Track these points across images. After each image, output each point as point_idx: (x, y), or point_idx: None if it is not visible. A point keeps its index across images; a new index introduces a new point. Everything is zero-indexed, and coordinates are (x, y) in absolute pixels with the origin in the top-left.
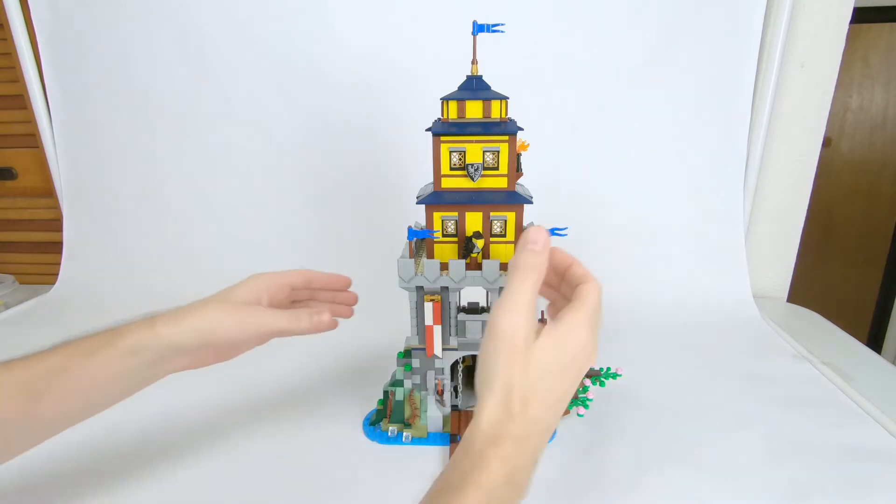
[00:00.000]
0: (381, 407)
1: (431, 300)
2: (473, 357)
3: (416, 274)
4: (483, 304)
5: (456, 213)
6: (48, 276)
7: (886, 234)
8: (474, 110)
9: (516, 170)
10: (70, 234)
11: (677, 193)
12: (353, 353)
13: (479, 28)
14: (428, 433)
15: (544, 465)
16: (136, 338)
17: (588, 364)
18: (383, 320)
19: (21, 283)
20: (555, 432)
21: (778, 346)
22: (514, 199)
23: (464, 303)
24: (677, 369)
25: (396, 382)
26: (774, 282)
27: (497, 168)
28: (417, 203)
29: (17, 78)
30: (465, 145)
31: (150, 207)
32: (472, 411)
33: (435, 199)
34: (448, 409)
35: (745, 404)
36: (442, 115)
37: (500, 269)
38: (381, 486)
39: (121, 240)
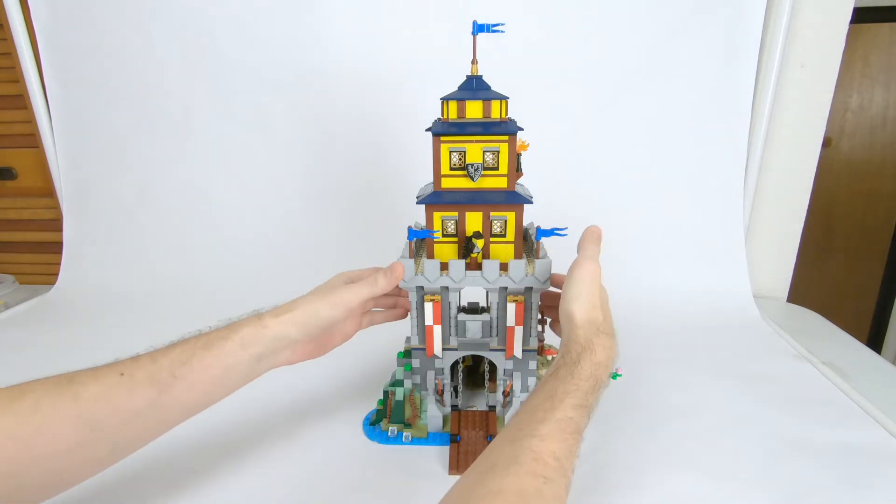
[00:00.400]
0: (381, 407)
1: (431, 300)
2: (474, 357)
3: (416, 274)
4: (483, 304)
5: (456, 213)
6: (48, 276)
7: (886, 234)
8: (474, 110)
9: (516, 170)
10: (70, 234)
11: (677, 193)
12: (353, 353)
13: (479, 28)
14: (428, 433)
15: None
16: (247, 331)
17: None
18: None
19: (21, 283)
20: None
21: (778, 346)
22: (514, 200)
23: (463, 303)
24: (677, 369)
25: (396, 382)
26: (774, 282)
27: (497, 168)
28: (417, 203)
29: (17, 78)
30: (465, 145)
31: (150, 207)
32: (472, 411)
33: (435, 199)
34: (448, 409)
35: (745, 404)
36: (442, 115)
37: (501, 270)
38: (381, 487)
39: (121, 240)
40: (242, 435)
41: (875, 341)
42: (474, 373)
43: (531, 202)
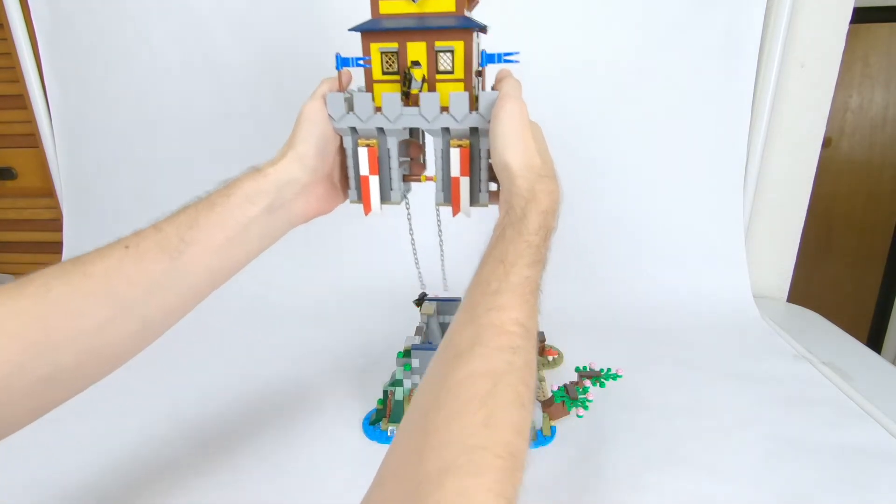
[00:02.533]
0: (380, 407)
1: (367, 145)
2: None
3: (346, 112)
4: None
5: (396, 44)
6: None
7: (886, 234)
8: None
9: None
10: (70, 234)
11: (677, 193)
12: (354, 353)
13: (488, 59)
14: None
15: (544, 465)
16: (248, 185)
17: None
18: (383, 320)
19: None
20: (554, 431)
21: (778, 346)
22: (463, 24)
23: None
24: (677, 369)
25: (396, 382)
26: (774, 282)
27: None
28: (350, 30)
29: (17, 78)
30: None
31: (150, 208)
32: None
33: (372, 26)
34: None
35: (745, 404)
36: None
37: (441, 108)
38: None
39: None
40: (242, 434)
41: (875, 341)
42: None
43: (484, 29)
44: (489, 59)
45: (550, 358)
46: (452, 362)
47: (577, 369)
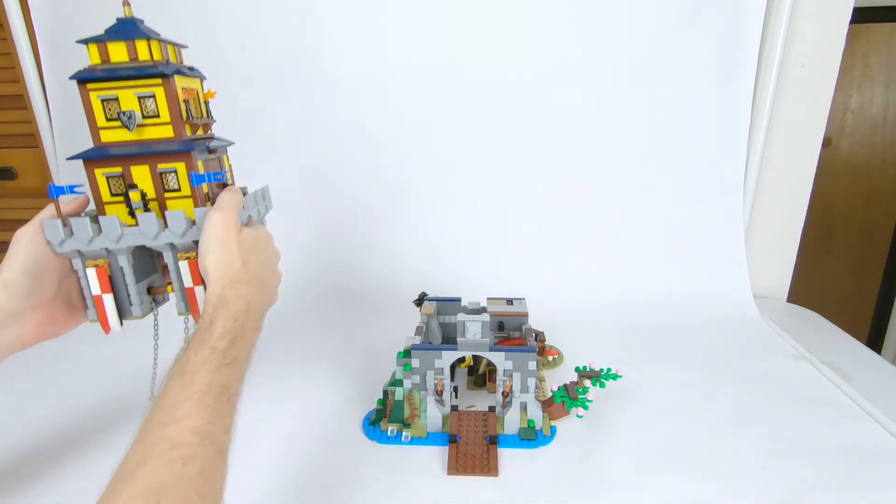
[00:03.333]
0: (380, 407)
1: (95, 265)
2: (474, 357)
3: (65, 237)
4: (483, 304)
5: (120, 168)
6: None
7: (886, 234)
8: (119, 54)
9: (202, 116)
10: None
11: (677, 194)
12: (353, 353)
13: (198, 179)
14: (427, 433)
15: (544, 465)
16: None
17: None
18: (383, 321)
19: None
20: (554, 431)
21: (778, 346)
22: (180, 148)
23: (465, 303)
24: (677, 369)
25: (396, 382)
26: (774, 282)
27: (158, 116)
28: (68, 159)
29: (17, 78)
30: (116, 92)
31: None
32: (471, 411)
33: (92, 154)
34: (447, 409)
35: (745, 404)
36: (90, 61)
37: (161, 223)
38: (380, 486)
39: None
40: (242, 434)
41: (875, 341)
42: (471, 374)
43: (194, 148)
44: (199, 179)
45: (550, 358)
46: (118, 485)
47: (577, 369)
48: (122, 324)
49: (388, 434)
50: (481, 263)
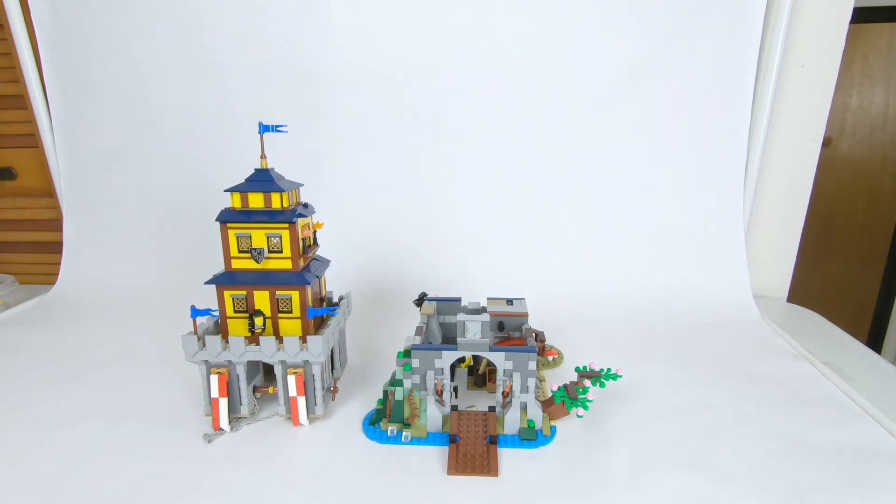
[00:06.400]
0: (380, 407)
1: (217, 372)
2: (474, 357)
3: (199, 349)
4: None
5: (245, 292)
6: (48, 276)
7: (886, 234)
8: (256, 200)
9: (309, 245)
10: (70, 234)
11: (677, 193)
12: (354, 353)
13: (264, 129)
14: (427, 433)
15: (544, 465)
16: None
17: None
18: (383, 321)
19: (21, 283)
20: (554, 431)
21: (778, 346)
22: (296, 281)
23: (465, 303)
24: (677, 369)
25: (396, 382)
26: (774, 282)
27: (281, 251)
28: (205, 283)
29: (17, 78)
30: (250, 231)
31: (150, 207)
32: (471, 411)
33: (224, 280)
34: (447, 409)
35: (745, 404)
36: (231, 204)
37: (279, 345)
38: (380, 486)
39: (121, 240)
40: (242, 434)
41: (875, 341)
42: (476, 372)
43: (309, 283)
44: (313, 312)
45: (550, 358)
46: None
47: (577, 369)
48: (230, 422)
49: (389, 434)
50: (481, 263)
